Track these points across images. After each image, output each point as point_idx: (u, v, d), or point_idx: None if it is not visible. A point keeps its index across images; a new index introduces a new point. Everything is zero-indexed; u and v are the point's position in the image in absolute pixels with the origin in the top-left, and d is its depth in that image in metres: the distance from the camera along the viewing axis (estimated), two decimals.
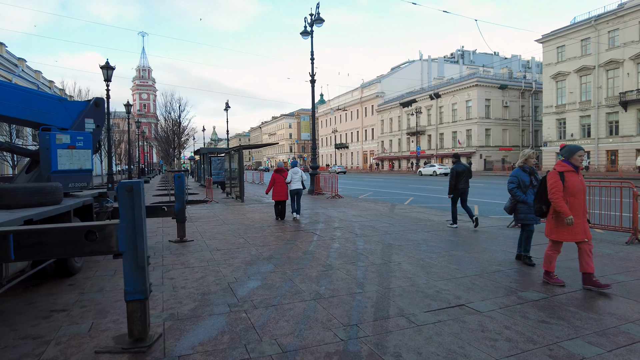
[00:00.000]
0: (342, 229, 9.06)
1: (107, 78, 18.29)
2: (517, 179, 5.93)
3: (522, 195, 5.85)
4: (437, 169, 46.03)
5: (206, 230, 9.24)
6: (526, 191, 5.88)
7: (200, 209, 14.04)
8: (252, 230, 9.18)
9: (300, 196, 11.16)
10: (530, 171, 6.01)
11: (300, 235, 8.35)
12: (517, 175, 5.97)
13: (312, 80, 20.61)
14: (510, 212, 6.21)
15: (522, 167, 6.03)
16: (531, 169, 6.06)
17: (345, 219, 10.87)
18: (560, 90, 44.36)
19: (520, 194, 5.86)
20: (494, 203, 15.38)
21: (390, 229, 8.99)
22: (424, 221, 10.31)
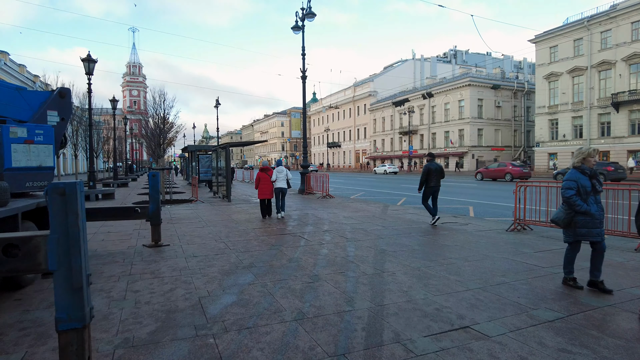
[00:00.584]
0: (332, 233, 8.47)
1: (88, 71, 17.50)
2: (577, 183, 4.67)
3: (584, 204, 4.61)
4: (387, 168, 53.03)
5: (185, 233, 8.59)
6: (587, 199, 4.65)
7: (184, 209, 13.37)
8: (235, 233, 8.55)
9: (285, 195, 11.29)
10: (591, 174, 4.70)
11: (287, 240, 7.74)
12: (575, 180, 4.69)
13: (303, 76, 20.00)
14: (564, 226, 4.81)
15: (581, 169, 4.74)
16: (593, 171, 4.74)
17: (335, 221, 10.29)
18: (553, 91, 44.21)
19: (582, 203, 4.61)
20: (489, 204, 14.90)
21: (383, 233, 8.42)
22: (418, 224, 9.75)
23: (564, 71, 42.14)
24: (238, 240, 7.74)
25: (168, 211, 12.89)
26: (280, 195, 11.07)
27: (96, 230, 9.12)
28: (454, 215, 11.40)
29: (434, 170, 9.51)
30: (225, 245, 7.23)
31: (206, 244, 7.44)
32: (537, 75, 46.39)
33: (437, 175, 9.54)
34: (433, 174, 9.50)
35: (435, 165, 9.61)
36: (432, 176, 9.48)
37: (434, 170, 9.51)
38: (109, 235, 8.45)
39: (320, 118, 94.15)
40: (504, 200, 16.34)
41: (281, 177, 11.11)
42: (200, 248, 7.06)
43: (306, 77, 20.04)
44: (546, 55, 44.32)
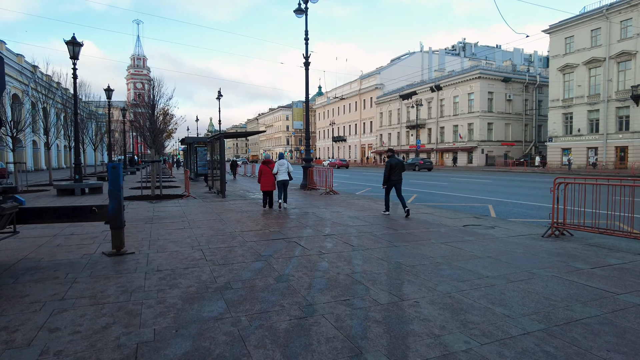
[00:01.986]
0: (335, 238, 7.07)
1: (73, 55, 16.14)
2: None
3: None
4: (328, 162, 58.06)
5: (160, 237, 7.22)
6: None
7: (171, 206, 12.02)
8: (219, 237, 7.18)
9: (287, 186, 11.69)
10: None
11: (279, 248, 6.35)
12: None
13: (306, 62, 18.56)
14: None
15: None
16: None
17: (339, 222, 8.88)
18: (568, 84, 42.35)
19: None
20: (510, 203, 13.42)
21: (396, 238, 7.02)
22: (436, 226, 8.33)
23: (580, 63, 40.26)
24: (219, 247, 6.35)
25: (153, 208, 11.55)
26: (283, 187, 11.48)
27: (59, 231, 7.78)
28: (475, 216, 9.96)
29: (395, 165, 10.18)
30: (201, 255, 5.85)
31: (180, 252, 6.06)
32: (550, 68, 44.51)
33: (398, 169, 10.21)
34: (395, 169, 10.16)
35: (396, 160, 10.30)
36: (393, 171, 10.15)
37: (395, 165, 10.18)
38: (69, 239, 7.11)
39: (326, 112, 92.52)
40: (524, 197, 14.84)
41: (282, 170, 11.40)
42: (170, 258, 5.68)
43: (309, 63, 18.61)
44: (561, 46, 42.43)
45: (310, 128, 17.57)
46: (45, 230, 7.80)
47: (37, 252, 6.15)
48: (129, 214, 10.30)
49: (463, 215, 10.17)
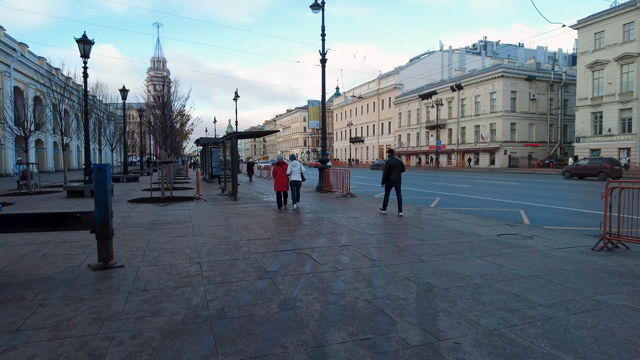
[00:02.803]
0: (352, 250, 6.22)
1: (83, 54, 15.70)
2: None
3: None
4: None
5: (158, 246, 6.49)
6: None
7: (179, 209, 11.35)
8: (222, 248, 6.40)
9: (300, 187, 11.91)
10: None
11: (288, 261, 5.53)
12: None
13: (322, 59, 17.76)
14: None
15: None
16: None
17: (357, 229, 8.02)
18: (597, 81, 40.42)
19: None
20: (543, 208, 12.32)
21: (423, 251, 6.12)
22: (466, 235, 7.40)
23: (611, 59, 38.34)
24: (220, 260, 5.56)
25: (159, 212, 10.89)
26: (295, 187, 11.65)
27: (51, 238, 7.13)
28: (507, 223, 8.96)
29: (394, 165, 10.35)
30: (198, 270, 5.08)
31: (175, 265, 5.30)
32: (578, 65, 42.61)
33: (397, 169, 10.35)
34: (394, 168, 10.33)
35: (395, 160, 10.50)
36: (392, 170, 10.33)
37: (394, 165, 10.35)
38: (59, 248, 6.44)
39: (343, 112, 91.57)
40: (557, 202, 13.69)
41: (296, 171, 11.64)
42: (162, 273, 4.92)
43: (326, 60, 17.80)
44: (590, 42, 40.54)
45: (328, 129, 16.73)
46: (36, 237, 7.17)
47: (17, 263, 5.48)
48: (132, 218, 9.68)
49: (494, 222, 9.19)
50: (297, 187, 11.69)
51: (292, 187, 11.64)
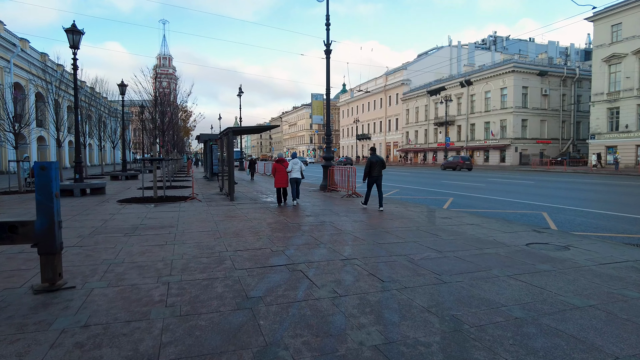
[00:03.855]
0: (357, 264, 5.18)
1: (73, 44, 14.78)
2: None
3: None
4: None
5: (127, 258, 5.50)
6: None
7: (168, 211, 10.38)
8: (201, 262, 5.39)
9: (299, 184, 12.18)
10: None
11: (277, 281, 4.50)
12: None
13: (327, 50, 16.70)
14: None
15: None
16: None
17: (363, 237, 6.98)
18: (614, 75, 38.91)
19: None
20: (568, 210, 11.20)
21: (443, 267, 5.07)
22: (490, 245, 6.33)
23: (629, 52, 36.82)
24: (195, 280, 4.55)
25: (146, 214, 9.93)
26: (295, 184, 11.91)
27: (5, 248, 6.16)
28: (534, 229, 7.87)
29: (375, 162, 10.70)
30: (164, 293, 4.06)
31: (138, 286, 4.30)
32: (594, 58, 41.10)
33: (378, 166, 10.72)
34: (375, 166, 10.68)
35: (376, 157, 10.82)
36: (374, 167, 10.67)
37: (375, 162, 10.70)
38: (10, 261, 5.46)
39: (349, 109, 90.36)
40: (582, 203, 12.52)
41: (296, 169, 11.89)
42: (117, 299, 3.92)
43: (330, 51, 16.73)
44: (606, 35, 39.00)
45: (334, 126, 15.66)
46: None
47: None
48: (114, 221, 8.73)
49: (518, 227, 8.10)
50: (297, 184, 11.98)
51: (292, 184, 11.89)
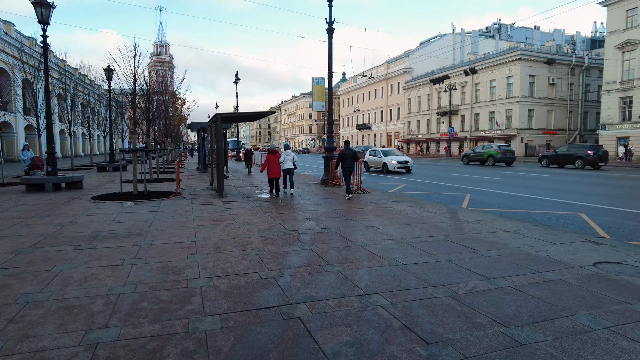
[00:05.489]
0: (382, 310, 3.63)
1: (42, 19, 13.04)
2: None
3: None
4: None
5: (59, 290, 3.92)
6: None
7: (144, 212, 8.81)
8: (160, 298, 3.83)
9: (292, 174, 12.22)
10: None
11: (261, 350, 2.96)
12: None
13: (329, 29, 15.00)
14: None
15: None
16: None
17: (380, 252, 5.42)
18: (628, 63, 37.12)
19: None
20: (609, 210, 9.65)
21: (505, 309, 3.51)
22: (546, 264, 4.79)
23: None
24: (139, 338, 2.99)
25: (116, 215, 8.36)
26: (288, 175, 12.03)
27: None
28: (587, 238, 6.34)
29: (347, 155, 11.23)
30: None
31: (42, 357, 2.75)
32: (607, 45, 39.24)
33: (350, 159, 11.25)
34: (347, 157, 11.21)
35: (350, 150, 11.33)
36: (346, 159, 11.22)
37: (347, 155, 11.23)
38: None
39: (350, 98, 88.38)
40: (620, 202, 10.93)
41: (288, 159, 12.02)
42: None
43: (333, 30, 15.03)
44: (621, 20, 37.13)
45: (334, 116, 14.05)
46: None
47: None
48: (73, 226, 7.16)
49: (564, 235, 6.57)
50: (290, 175, 12.07)
51: (284, 174, 12.03)
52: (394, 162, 22.37)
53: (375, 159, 23.70)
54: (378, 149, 24.55)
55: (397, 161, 22.46)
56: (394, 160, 22.53)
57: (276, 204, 10.13)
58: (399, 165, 22.23)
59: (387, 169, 22.42)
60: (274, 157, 11.83)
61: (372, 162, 24.02)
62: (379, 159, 23.31)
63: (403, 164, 22.42)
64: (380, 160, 23.06)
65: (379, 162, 23.24)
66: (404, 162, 22.48)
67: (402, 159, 22.96)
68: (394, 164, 22.29)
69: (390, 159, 22.56)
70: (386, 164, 22.46)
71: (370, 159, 24.16)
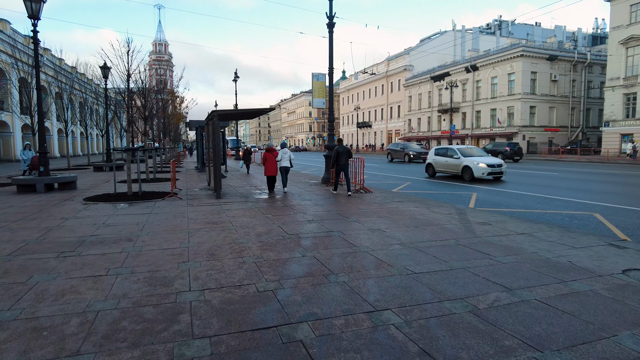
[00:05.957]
0: (396, 330, 3.20)
1: (32, 14, 12.59)
2: None
3: None
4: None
5: (28, 309, 3.49)
6: None
7: (136, 214, 8.38)
8: (144, 316, 3.40)
9: (288, 172, 12.47)
10: None
11: None
12: None
13: (330, 23, 14.56)
14: None
15: None
16: None
17: (388, 259, 4.99)
18: (632, 59, 36.63)
19: None
20: (625, 210, 9.21)
21: (534, 327, 3.08)
22: (571, 273, 4.37)
23: None
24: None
25: (107, 218, 7.93)
26: (284, 173, 12.27)
27: None
28: (608, 242, 5.90)
29: (342, 152, 11.30)
30: None
31: None
32: (610, 41, 38.77)
33: (344, 155, 11.33)
34: (341, 155, 11.29)
35: (343, 147, 11.41)
36: (340, 156, 11.29)
37: (342, 152, 11.30)
38: None
39: (350, 96, 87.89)
40: (630, 200, 10.51)
41: (285, 157, 12.19)
42: None
43: (334, 24, 14.60)
44: (624, 15, 36.62)
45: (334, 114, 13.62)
46: None
47: None
48: (60, 231, 6.74)
49: (583, 238, 6.14)
50: (285, 173, 12.29)
51: (281, 172, 12.19)
52: (481, 165, 15.65)
53: (450, 161, 17.23)
54: (453, 147, 17.84)
55: (486, 164, 15.69)
56: (481, 162, 15.80)
57: (275, 205, 9.70)
58: (489, 171, 15.54)
59: (472, 175, 15.81)
60: (271, 155, 11.92)
61: (442, 165, 17.75)
62: (455, 161, 16.80)
63: (495, 168, 15.69)
64: (459, 163, 16.59)
65: (455, 166, 16.84)
66: (496, 166, 15.76)
67: (491, 160, 16.29)
68: (481, 168, 15.58)
69: (475, 161, 15.98)
70: (470, 169, 15.90)
71: (440, 161, 17.89)
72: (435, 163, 18.15)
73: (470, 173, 15.86)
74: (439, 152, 18.40)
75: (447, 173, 17.67)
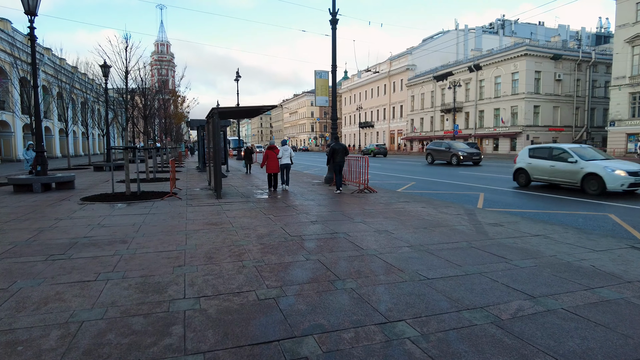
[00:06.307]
0: (412, 346, 2.88)
1: (28, 10, 12.32)
2: None
3: None
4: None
5: (6, 319, 3.21)
6: None
7: (133, 214, 8.07)
8: (130, 327, 3.09)
9: (289, 170, 12.69)
10: None
11: None
12: None
13: (333, 20, 14.23)
14: None
15: None
16: None
17: (397, 262, 4.67)
18: (638, 57, 36.17)
19: None
20: (636, 210, 8.84)
21: (566, 343, 2.75)
22: (596, 278, 4.03)
23: None
24: None
25: (103, 218, 7.63)
26: (285, 170, 12.45)
27: None
28: (629, 244, 5.56)
29: (338, 150, 11.63)
30: None
31: None
32: (616, 39, 38.31)
33: (341, 153, 11.63)
34: (338, 152, 11.62)
35: (340, 145, 11.76)
36: (337, 154, 11.62)
37: (338, 150, 11.63)
38: None
39: (352, 96, 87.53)
40: None
41: (286, 155, 12.31)
42: None
43: (337, 20, 14.27)
44: (631, 13, 36.16)
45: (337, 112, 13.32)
46: None
47: None
48: (53, 232, 6.44)
49: (601, 240, 5.80)
50: (286, 170, 12.49)
51: (282, 169, 12.37)
52: (620, 173, 11.00)
53: (559, 166, 12.42)
54: (564, 147, 12.73)
55: (626, 171, 11.01)
56: (618, 169, 11.08)
57: (277, 205, 9.38)
58: (631, 181, 10.93)
59: (603, 187, 11.06)
60: (272, 153, 12.07)
61: (545, 171, 12.95)
62: (571, 167, 11.98)
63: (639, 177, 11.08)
64: (577, 170, 11.80)
65: (570, 173, 12.02)
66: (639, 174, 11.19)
67: (631, 167, 11.41)
68: (619, 176, 10.97)
69: (606, 166, 11.24)
70: (599, 178, 11.16)
71: (540, 166, 13.14)
72: (531, 168, 13.38)
73: (601, 184, 11.11)
74: (537, 153, 13.56)
75: (549, 182, 13.15)
